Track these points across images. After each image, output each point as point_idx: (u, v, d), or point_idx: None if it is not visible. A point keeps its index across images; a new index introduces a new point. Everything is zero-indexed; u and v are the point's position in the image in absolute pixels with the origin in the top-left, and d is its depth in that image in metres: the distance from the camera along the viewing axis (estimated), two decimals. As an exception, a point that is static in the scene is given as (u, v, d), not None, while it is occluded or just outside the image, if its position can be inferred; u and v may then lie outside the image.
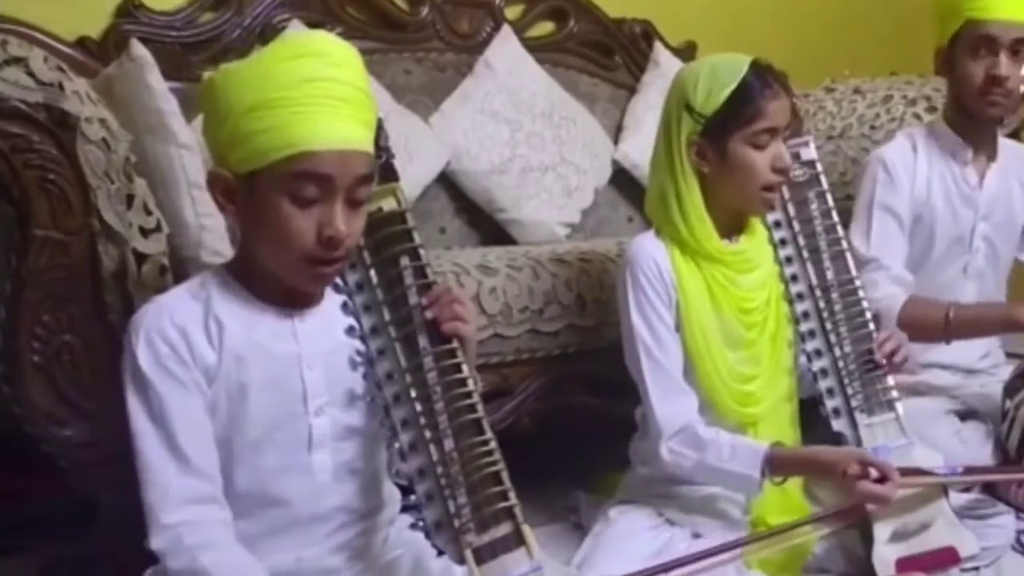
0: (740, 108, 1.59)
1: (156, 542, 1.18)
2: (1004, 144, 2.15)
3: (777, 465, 1.58)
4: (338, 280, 1.25)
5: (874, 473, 1.52)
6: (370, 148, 1.21)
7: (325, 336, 1.27)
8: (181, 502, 1.18)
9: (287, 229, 1.17)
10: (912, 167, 2.08)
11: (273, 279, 1.25)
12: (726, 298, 1.66)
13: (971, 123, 2.07)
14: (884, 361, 1.69)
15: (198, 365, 1.21)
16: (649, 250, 1.67)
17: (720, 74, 1.60)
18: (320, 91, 1.16)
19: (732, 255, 1.67)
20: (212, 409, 1.23)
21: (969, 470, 1.73)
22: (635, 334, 1.66)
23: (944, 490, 1.69)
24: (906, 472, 1.58)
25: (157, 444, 1.19)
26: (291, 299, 1.27)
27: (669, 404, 1.64)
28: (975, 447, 2.00)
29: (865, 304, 1.72)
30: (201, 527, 1.18)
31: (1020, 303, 2.06)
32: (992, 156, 2.12)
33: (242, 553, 1.20)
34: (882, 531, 1.63)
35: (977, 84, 1.99)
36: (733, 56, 1.63)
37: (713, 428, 1.63)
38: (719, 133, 1.60)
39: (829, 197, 1.74)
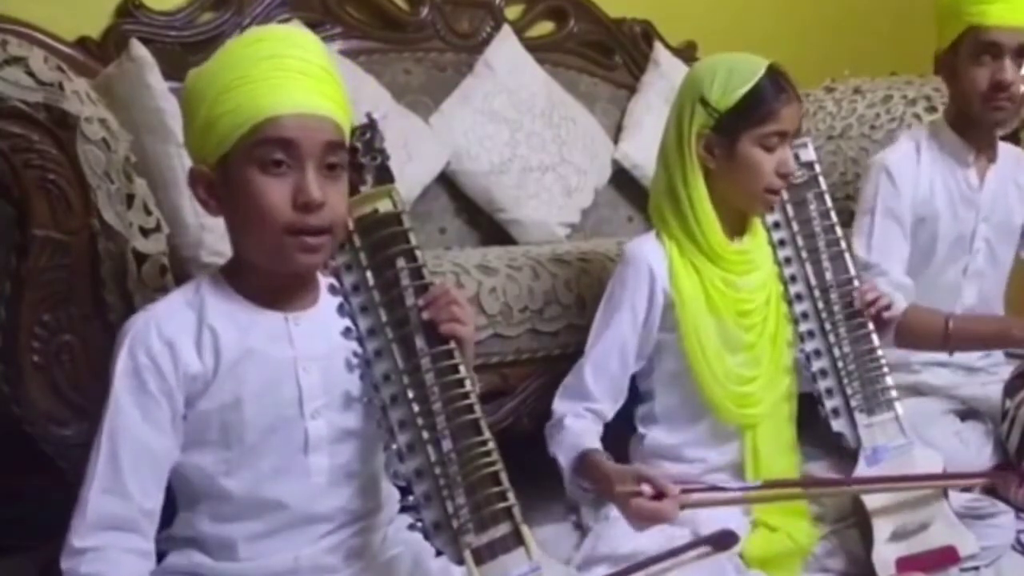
0: (754, 108, 1.60)
1: (63, 562, 1.18)
2: (1001, 147, 2.16)
3: (582, 470, 1.57)
4: (334, 282, 1.25)
5: (648, 490, 1.43)
6: (337, 117, 1.21)
7: (320, 339, 1.27)
8: (94, 526, 1.18)
9: (262, 201, 1.18)
10: (915, 170, 2.07)
11: (266, 277, 1.25)
12: (724, 302, 1.66)
13: (973, 125, 2.07)
14: (862, 306, 1.70)
15: (180, 378, 1.21)
16: (645, 253, 1.67)
17: (737, 73, 1.61)
18: (280, 65, 1.19)
19: (736, 254, 1.67)
20: (206, 419, 1.23)
21: (768, 484, 1.63)
22: (595, 327, 1.69)
23: (944, 490, 1.70)
24: (689, 489, 1.50)
25: (97, 454, 1.20)
26: (286, 300, 1.27)
27: (565, 401, 1.68)
28: (975, 447, 2.00)
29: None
30: (100, 555, 1.17)
31: (1017, 319, 2.07)
32: (992, 158, 2.12)
33: None
34: (882, 531, 1.64)
35: (982, 90, 1.98)
36: (750, 56, 1.65)
37: (581, 419, 1.64)
38: (730, 130, 1.61)
39: (827, 198, 1.74)
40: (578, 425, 1.64)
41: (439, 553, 1.20)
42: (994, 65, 1.97)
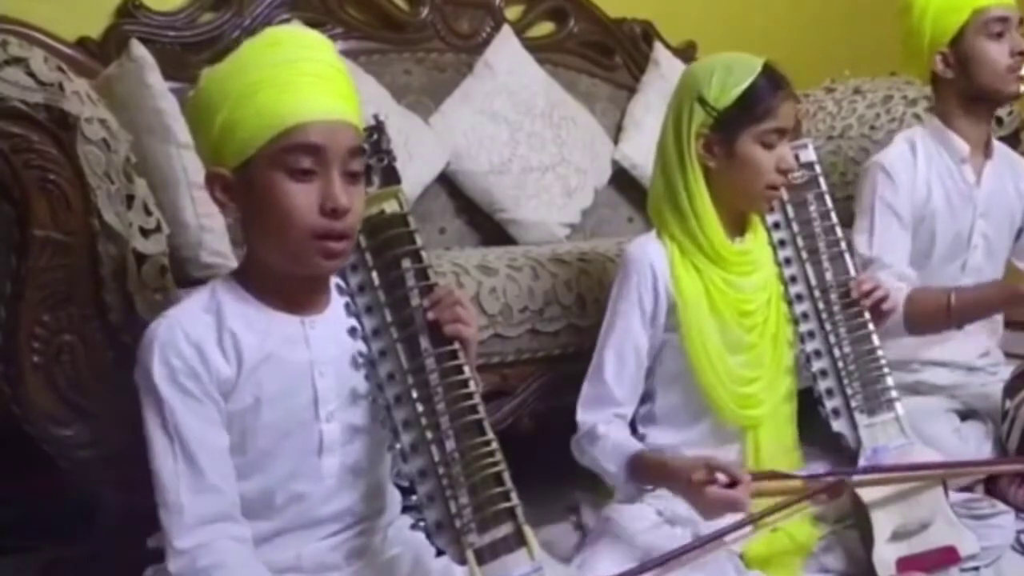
0: (753, 106, 1.60)
1: (172, 566, 1.18)
2: (996, 145, 2.17)
3: (637, 470, 1.58)
4: (341, 283, 1.25)
5: (722, 478, 1.46)
6: (356, 121, 1.23)
7: (333, 341, 1.27)
8: (194, 524, 1.18)
9: (289, 205, 1.18)
10: (912, 169, 2.08)
11: (282, 281, 1.25)
12: (725, 302, 1.66)
13: (970, 119, 2.09)
14: (859, 296, 1.70)
15: (213, 380, 1.22)
16: (647, 253, 1.67)
17: (734, 71, 1.62)
18: (300, 70, 1.19)
19: (737, 254, 1.68)
20: (228, 422, 1.23)
21: (832, 472, 1.65)
22: (604, 332, 1.68)
23: (944, 489, 1.70)
24: (759, 476, 1.54)
25: (172, 462, 1.19)
26: (301, 303, 1.27)
27: (591, 411, 1.67)
28: (974, 444, 2.00)
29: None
30: (213, 547, 1.18)
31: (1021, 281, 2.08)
32: (988, 154, 2.13)
33: (256, 569, 1.20)
34: (882, 530, 1.64)
35: (1007, 62, 2.03)
36: (746, 56, 1.65)
37: (613, 425, 1.65)
38: (729, 129, 1.61)
39: (828, 199, 1.74)
40: (614, 431, 1.64)
41: (441, 553, 1.20)
42: (1008, 37, 2.03)
